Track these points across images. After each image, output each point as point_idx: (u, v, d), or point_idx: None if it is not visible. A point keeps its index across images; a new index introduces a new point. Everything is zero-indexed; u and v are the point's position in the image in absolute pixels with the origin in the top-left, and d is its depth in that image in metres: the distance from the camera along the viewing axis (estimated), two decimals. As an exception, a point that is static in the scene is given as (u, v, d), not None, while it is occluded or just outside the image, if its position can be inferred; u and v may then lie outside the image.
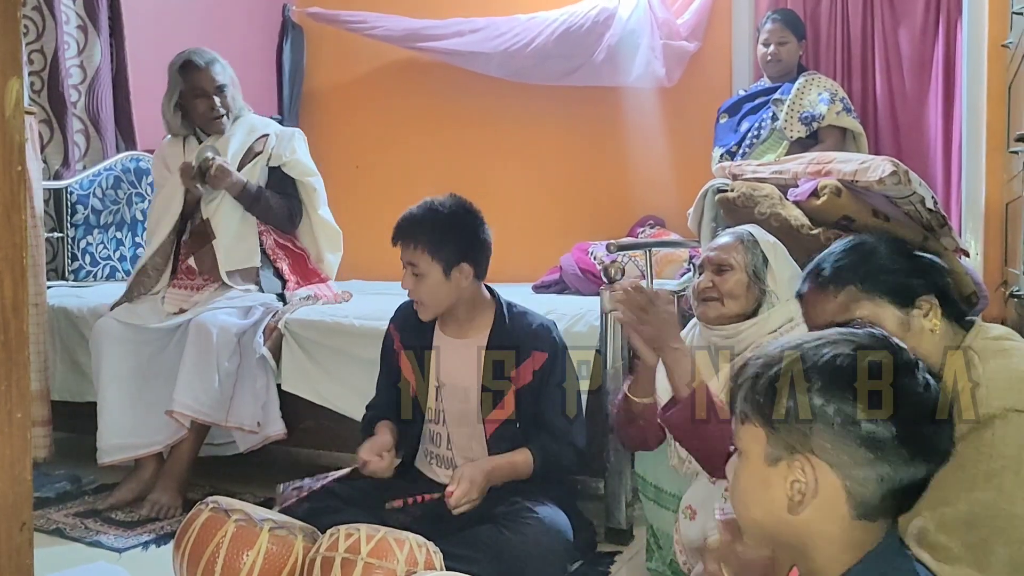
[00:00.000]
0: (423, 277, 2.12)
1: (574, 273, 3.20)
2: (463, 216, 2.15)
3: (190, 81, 2.90)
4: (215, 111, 2.91)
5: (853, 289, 1.42)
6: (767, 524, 1.00)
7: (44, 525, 2.50)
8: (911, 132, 3.58)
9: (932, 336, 1.40)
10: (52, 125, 3.56)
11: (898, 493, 0.96)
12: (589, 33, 3.80)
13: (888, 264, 1.43)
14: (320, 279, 3.05)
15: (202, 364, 2.65)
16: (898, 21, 3.60)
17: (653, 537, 2.06)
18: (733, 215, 2.59)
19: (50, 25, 3.54)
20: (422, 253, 2.11)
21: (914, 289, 1.41)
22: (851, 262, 1.45)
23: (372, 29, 4.28)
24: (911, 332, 1.39)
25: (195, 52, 2.93)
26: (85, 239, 3.58)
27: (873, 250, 1.46)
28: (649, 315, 1.72)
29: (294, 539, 1.77)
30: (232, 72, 3.00)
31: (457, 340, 2.20)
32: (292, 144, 3.01)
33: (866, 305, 1.41)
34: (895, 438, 0.94)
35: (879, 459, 0.94)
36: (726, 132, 3.51)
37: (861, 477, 0.94)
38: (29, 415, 1.09)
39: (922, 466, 0.96)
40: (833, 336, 1.00)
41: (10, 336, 1.05)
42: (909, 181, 2.53)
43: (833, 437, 0.94)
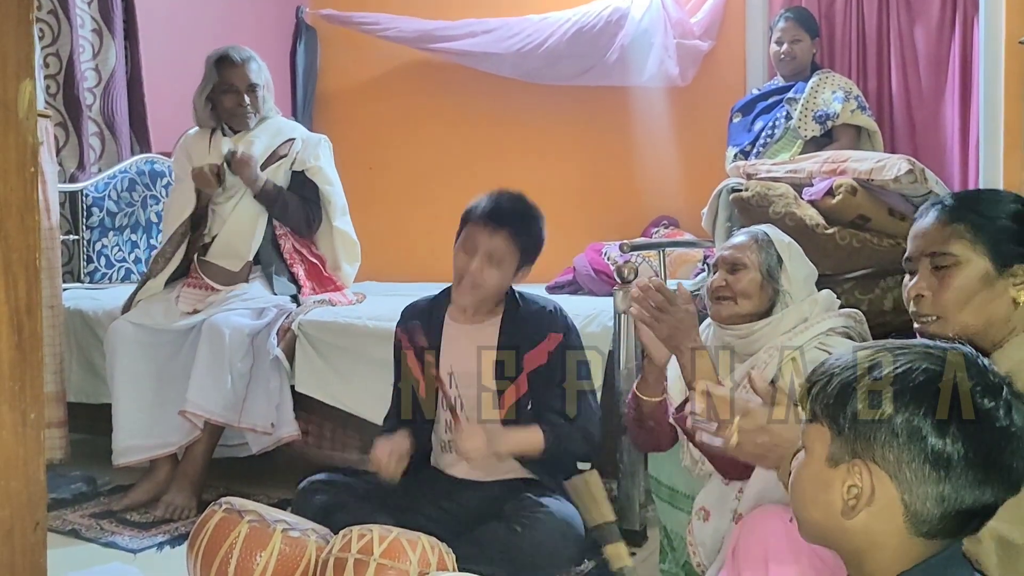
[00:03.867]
0: (502, 267, 2.11)
1: (587, 274, 3.19)
2: (540, 220, 2.17)
3: (224, 75, 2.91)
4: (242, 107, 2.92)
5: (961, 227, 1.38)
6: (823, 525, 0.99)
7: (60, 526, 2.51)
8: (927, 130, 3.55)
9: (1011, 306, 1.36)
10: (67, 128, 3.59)
11: (962, 515, 0.93)
12: (602, 33, 3.80)
13: (1007, 221, 1.39)
14: (335, 287, 3.04)
15: (215, 365, 2.66)
16: (914, 18, 3.57)
17: (666, 538, 2.05)
18: (748, 215, 2.58)
19: (65, 29, 3.56)
20: (509, 245, 2.10)
21: (1018, 255, 1.37)
22: (976, 202, 1.41)
23: (385, 30, 4.29)
24: (992, 292, 1.36)
25: (233, 48, 2.95)
26: (100, 241, 3.60)
27: (1000, 201, 1.43)
28: (666, 314, 1.71)
29: (307, 540, 1.77)
30: (268, 75, 3.02)
31: (469, 326, 2.20)
32: (317, 151, 3.02)
33: (965, 246, 1.38)
34: (963, 460, 0.91)
35: (943, 479, 0.91)
36: (740, 131, 3.50)
37: (922, 494, 0.92)
38: (43, 415, 1.09)
39: (991, 491, 0.92)
40: (917, 347, 0.97)
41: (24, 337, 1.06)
42: (925, 180, 2.51)
43: (898, 449, 0.92)
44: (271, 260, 2.95)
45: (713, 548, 1.73)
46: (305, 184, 2.99)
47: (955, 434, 0.91)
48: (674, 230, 3.63)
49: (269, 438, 2.74)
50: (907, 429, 0.92)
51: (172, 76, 3.79)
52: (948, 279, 1.39)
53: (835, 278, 2.49)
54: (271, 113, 3.04)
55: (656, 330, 1.73)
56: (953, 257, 1.39)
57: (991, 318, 1.36)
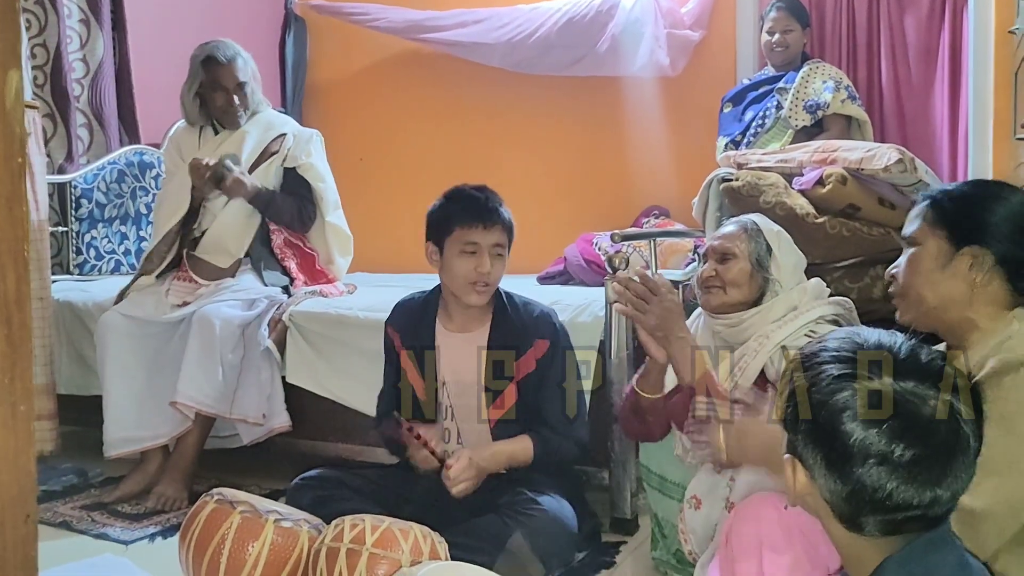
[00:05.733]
0: (503, 257, 2.16)
1: (578, 264, 3.19)
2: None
3: (211, 75, 2.89)
4: (232, 107, 2.90)
5: (924, 208, 1.45)
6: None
7: (51, 518, 2.51)
8: (917, 120, 3.56)
9: (968, 289, 1.39)
10: (55, 119, 3.56)
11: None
12: (592, 23, 3.79)
13: (963, 204, 1.43)
14: (327, 280, 3.04)
15: (205, 356, 2.65)
16: (904, 8, 3.58)
17: (658, 526, 2.06)
18: (738, 204, 2.58)
19: (52, 19, 3.54)
20: (503, 233, 2.15)
21: (972, 236, 1.40)
22: (951, 191, 1.46)
23: (374, 21, 4.28)
24: (948, 271, 1.40)
25: (218, 47, 2.91)
26: (89, 233, 3.58)
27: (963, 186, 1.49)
28: (650, 305, 1.71)
29: (299, 530, 1.78)
30: (254, 67, 2.99)
31: (459, 335, 2.20)
32: (308, 147, 3.00)
33: (924, 227, 1.44)
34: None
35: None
36: (730, 121, 3.50)
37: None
38: (33, 408, 1.09)
39: None
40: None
41: (13, 329, 1.05)
42: (915, 169, 2.52)
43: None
44: (260, 255, 2.94)
45: (705, 536, 1.74)
46: (298, 180, 2.98)
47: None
48: (665, 220, 3.63)
49: (260, 429, 2.74)
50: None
51: (161, 67, 3.76)
52: (911, 259, 1.45)
53: (825, 267, 2.50)
54: (260, 107, 3.01)
55: (642, 321, 1.73)
56: (915, 239, 1.45)
57: (946, 297, 1.41)
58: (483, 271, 2.10)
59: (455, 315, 2.20)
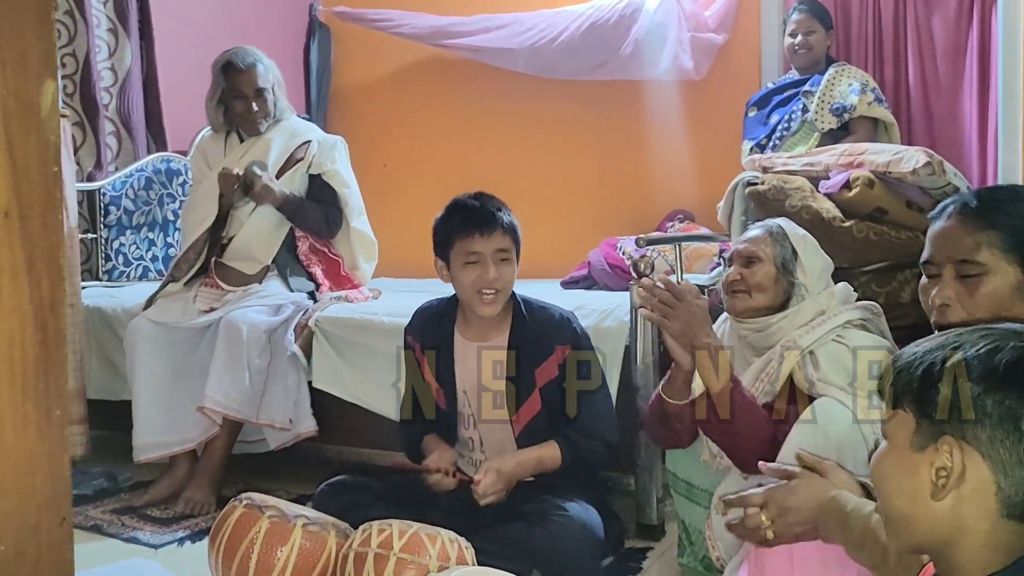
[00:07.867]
0: (510, 261, 2.12)
1: (603, 268, 3.19)
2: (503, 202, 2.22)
3: (230, 81, 2.91)
4: (251, 113, 2.92)
5: (991, 235, 1.32)
6: (909, 513, 0.94)
7: (82, 522, 2.54)
8: (945, 121, 3.51)
9: None
10: (85, 128, 3.62)
11: None
12: (616, 27, 3.78)
13: None
14: (352, 285, 3.05)
15: (232, 361, 2.68)
16: (931, 7, 3.54)
17: (685, 533, 2.05)
18: (764, 208, 2.57)
19: (81, 29, 3.59)
20: (506, 237, 2.10)
21: None
22: (1005, 207, 1.34)
23: (398, 27, 4.30)
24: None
25: (237, 53, 2.92)
26: (118, 240, 3.63)
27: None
28: (676, 311, 1.70)
29: (327, 535, 1.79)
30: (277, 74, 3.00)
31: (477, 343, 2.18)
32: (333, 154, 3.01)
33: (995, 254, 1.31)
34: None
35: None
36: (755, 125, 3.48)
37: (1018, 476, 0.87)
38: (67, 412, 1.10)
39: None
40: (1000, 331, 0.94)
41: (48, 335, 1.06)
42: (944, 172, 2.50)
43: (991, 429, 0.88)
44: (286, 262, 2.97)
45: (732, 542, 1.73)
46: (323, 187, 3.00)
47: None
48: (689, 224, 3.61)
49: (287, 434, 2.76)
50: (999, 410, 0.88)
51: (187, 75, 3.81)
52: (977, 288, 1.33)
53: (852, 271, 2.49)
54: (285, 114, 3.03)
55: (668, 327, 1.72)
56: (982, 266, 1.33)
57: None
58: (488, 279, 2.07)
59: (473, 323, 2.19)
